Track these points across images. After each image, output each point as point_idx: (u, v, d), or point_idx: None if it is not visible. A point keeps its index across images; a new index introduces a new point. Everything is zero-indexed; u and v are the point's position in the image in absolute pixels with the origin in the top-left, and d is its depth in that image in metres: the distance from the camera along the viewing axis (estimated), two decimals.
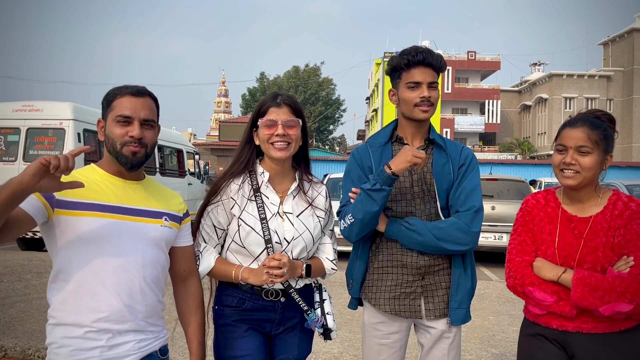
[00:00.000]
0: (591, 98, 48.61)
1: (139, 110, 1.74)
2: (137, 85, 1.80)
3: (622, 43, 49.32)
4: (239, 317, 2.00)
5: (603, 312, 1.79)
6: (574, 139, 1.90)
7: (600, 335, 1.87)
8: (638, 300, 1.76)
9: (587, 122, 1.92)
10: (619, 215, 1.89)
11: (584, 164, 1.88)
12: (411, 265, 2.13)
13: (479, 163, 2.24)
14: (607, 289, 1.78)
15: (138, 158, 1.75)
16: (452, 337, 2.16)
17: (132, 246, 1.71)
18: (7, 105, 9.28)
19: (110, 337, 1.65)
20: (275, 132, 1.97)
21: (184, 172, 12.84)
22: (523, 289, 1.94)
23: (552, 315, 1.92)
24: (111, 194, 1.72)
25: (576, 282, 1.82)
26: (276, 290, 2.00)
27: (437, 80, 2.15)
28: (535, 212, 2.05)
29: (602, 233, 1.89)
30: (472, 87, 49.83)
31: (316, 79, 52.19)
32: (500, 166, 23.90)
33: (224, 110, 64.09)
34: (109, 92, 1.78)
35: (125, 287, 1.68)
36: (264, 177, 2.04)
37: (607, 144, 1.92)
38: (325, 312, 2.06)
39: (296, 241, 2.00)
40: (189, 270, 1.96)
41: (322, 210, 2.12)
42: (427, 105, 2.11)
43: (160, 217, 1.81)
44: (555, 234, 1.96)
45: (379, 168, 2.05)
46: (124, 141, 1.72)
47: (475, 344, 4.50)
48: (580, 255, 1.90)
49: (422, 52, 2.09)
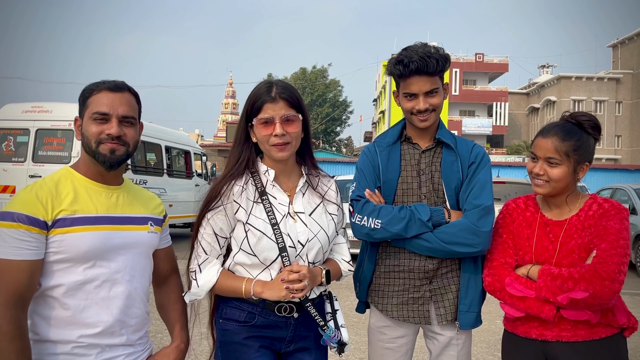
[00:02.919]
0: (600, 100, 48.25)
1: (117, 106, 1.63)
2: (116, 80, 1.69)
3: (632, 45, 48.92)
4: (248, 334, 1.80)
5: (561, 301, 1.78)
6: (543, 150, 1.90)
7: (581, 343, 1.83)
8: (592, 288, 1.72)
9: (560, 132, 1.89)
10: (592, 215, 1.89)
11: (552, 175, 1.88)
12: (418, 269, 2.07)
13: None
14: (566, 277, 1.77)
15: (117, 156, 1.64)
16: (461, 344, 2.10)
17: (122, 257, 1.64)
18: (17, 106, 9.36)
19: (100, 351, 1.58)
20: (273, 132, 1.76)
21: (191, 174, 12.86)
22: (502, 284, 1.91)
23: (531, 323, 1.90)
24: (97, 203, 1.63)
25: (541, 272, 1.84)
26: (290, 305, 1.81)
27: (437, 86, 2.04)
28: (515, 216, 2.04)
29: (576, 235, 1.88)
30: (479, 89, 49.59)
31: (323, 80, 52.18)
32: (508, 169, 23.73)
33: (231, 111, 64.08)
34: (85, 88, 1.68)
35: (116, 301, 1.61)
36: (268, 175, 1.85)
37: (579, 155, 1.88)
38: (340, 325, 1.89)
39: (311, 243, 1.83)
40: (170, 269, 1.91)
41: (335, 205, 1.95)
42: (425, 115, 2.05)
43: (146, 223, 1.75)
44: (532, 238, 1.96)
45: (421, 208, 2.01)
46: (99, 139, 1.62)
47: (482, 348, 4.47)
48: (557, 259, 1.89)
49: (416, 61, 1.96)
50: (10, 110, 9.29)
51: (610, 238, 1.80)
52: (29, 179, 8.80)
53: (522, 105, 54.94)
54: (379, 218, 2.00)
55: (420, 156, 2.14)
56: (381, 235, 2.02)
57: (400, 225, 1.97)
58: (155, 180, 10.92)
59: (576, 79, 48.93)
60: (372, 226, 2.01)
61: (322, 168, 2.07)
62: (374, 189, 2.11)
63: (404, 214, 1.99)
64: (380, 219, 2.00)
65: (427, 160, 2.13)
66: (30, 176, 8.80)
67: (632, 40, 49.01)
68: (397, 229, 1.98)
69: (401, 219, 1.98)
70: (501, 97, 49.17)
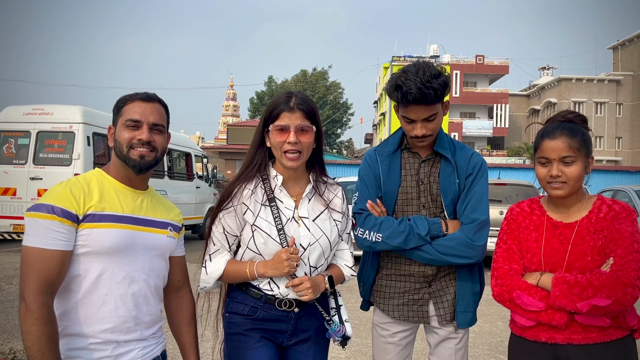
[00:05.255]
0: (600, 102, 48.26)
1: (148, 114, 1.74)
2: (148, 92, 1.81)
3: (632, 47, 48.95)
4: (251, 325, 1.92)
5: (581, 309, 1.75)
6: (557, 151, 1.87)
7: (592, 345, 1.81)
8: (615, 295, 1.71)
9: (566, 130, 1.89)
10: (603, 217, 1.87)
11: (570, 174, 1.86)
12: (418, 273, 2.17)
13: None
14: (585, 285, 1.76)
15: (147, 161, 1.74)
16: (459, 338, 2.19)
17: (142, 256, 1.72)
18: (18, 108, 9.36)
19: (115, 346, 1.65)
20: (287, 140, 1.87)
21: (192, 176, 12.86)
22: (510, 295, 1.89)
23: (541, 327, 1.87)
24: (124, 203, 1.72)
25: (555, 280, 1.81)
26: (290, 300, 1.92)
27: (435, 112, 2.03)
28: (520, 220, 2.01)
29: (588, 237, 1.87)
30: (480, 91, 49.63)
31: (324, 82, 52.20)
32: (508, 170, 23.75)
33: (232, 113, 64.21)
34: (119, 98, 1.80)
35: (132, 298, 1.68)
36: (277, 180, 1.96)
37: (587, 148, 1.90)
38: (344, 320, 1.99)
39: (312, 247, 1.92)
40: (182, 280, 1.96)
41: (339, 213, 2.04)
42: (422, 140, 2.09)
43: (166, 228, 1.83)
44: (541, 241, 1.93)
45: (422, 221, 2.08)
46: (131, 144, 1.72)
47: (483, 350, 4.48)
48: (568, 261, 1.87)
49: (414, 93, 1.95)
50: (11, 113, 9.30)
51: (625, 243, 1.79)
52: (29, 181, 8.82)
53: (523, 107, 54.97)
54: (380, 232, 2.09)
55: (420, 165, 2.19)
56: (382, 247, 2.12)
57: (400, 239, 2.06)
58: (156, 183, 10.90)
59: (577, 80, 48.96)
60: (373, 239, 2.10)
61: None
62: (376, 200, 2.17)
63: (403, 227, 2.07)
64: (381, 232, 2.08)
65: (426, 170, 2.18)
66: (31, 178, 8.81)
67: (632, 42, 49.04)
68: (397, 242, 2.07)
69: (401, 233, 2.06)
70: (502, 99, 49.19)
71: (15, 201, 8.88)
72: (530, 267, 1.93)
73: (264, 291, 1.92)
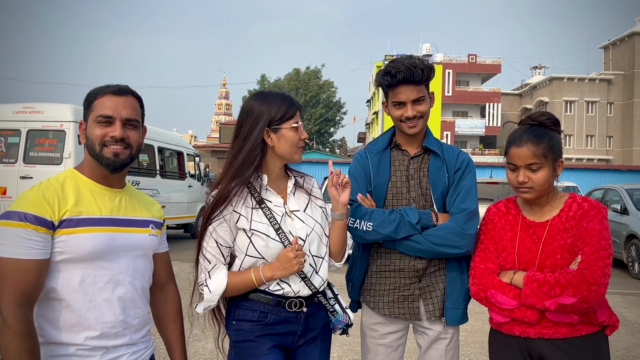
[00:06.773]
0: (592, 102, 48.57)
1: (120, 109, 1.64)
2: (119, 84, 1.70)
3: (623, 47, 49.31)
4: (262, 332, 1.87)
5: (549, 307, 1.81)
6: (522, 158, 1.91)
7: (562, 340, 1.88)
8: (580, 293, 1.76)
9: (532, 137, 1.92)
10: (572, 216, 1.92)
11: (537, 180, 1.91)
12: (408, 268, 2.17)
13: (479, 166, 2.25)
14: (552, 283, 1.81)
15: (121, 159, 1.65)
16: (449, 338, 2.19)
17: (124, 258, 1.65)
18: (8, 107, 9.28)
19: (104, 352, 1.59)
20: (302, 137, 1.93)
21: (185, 175, 12.82)
22: (485, 294, 1.95)
23: (515, 322, 1.94)
24: (101, 204, 1.64)
25: (526, 279, 1.87)
26: (300, 299, 1.90)
27: (423, 94, 2.14)
28: (496, 220, 2.08)
29: (559, 236, 1.92)
30: (472, 90, 49.80)
31: (317, 81, 52.16)
32: (501, 169, 23.80)
33: (225, 112, 63.99)
34: (89, 92, 1.69)
35: (119, 302, 1.62)
36: (261, 180, 1.93)
37: (554, 153, 1.93)
38: (344, 307, 2.02)
39: (311, 237, 1.94)
40: (166, 276, 1.91)
41: (321, 199, 2.07)
42: (413, 122, 2.14)
43: (148, 226, 1.76)
44: (515, 240, 1.99)
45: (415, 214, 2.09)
46: (103, 141, 1.62)
47: (475, 349, 4.49)
48: (540, 259, 1.92)
49: (402, 71, 2.07)
50: (1, 111, 9.20)
51: (593, 241, 1.83)
52: (20, 180, 8.75)
53: (515, 106, 55.23)
54: (371, 221, 2.10)
55: (409, 162, 2.24)
56: (373, 237, 2.11)
57: (391, 227, 2.07)
58: (148, 182, 10.88)
59: (568, 80, 49.25)
60: (364, 228, 2.10)
61: (316, 169, 2.13)
62: (366, 194, 2.21)
63: (394, 217, 2.09)
64: (371, 221, 2.10)
65: (416, 166, 2.23)
66: (22, 177, 8.74)
67: (623, 41, 49.41)
68: (388, 231, 2.08)
69: (391, 222, 2.08)
70: (494, 98, 49.39)
71: (5, 200, 8.81)
72: (506, 266, 1.99)
73: (273, 293, 1.88)
